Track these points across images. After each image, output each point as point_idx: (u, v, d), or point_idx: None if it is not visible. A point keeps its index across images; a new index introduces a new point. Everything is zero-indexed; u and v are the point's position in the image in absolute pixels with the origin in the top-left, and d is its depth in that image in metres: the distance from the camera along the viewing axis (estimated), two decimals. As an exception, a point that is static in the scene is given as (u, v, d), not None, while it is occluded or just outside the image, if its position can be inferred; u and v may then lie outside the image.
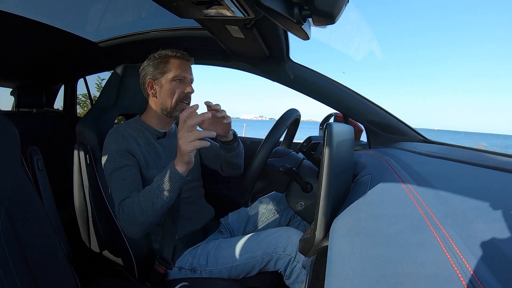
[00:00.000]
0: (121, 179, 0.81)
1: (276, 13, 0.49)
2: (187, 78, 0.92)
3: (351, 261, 0.33)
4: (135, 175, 0.83)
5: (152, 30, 1.21)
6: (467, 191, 0.40)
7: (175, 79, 0.90)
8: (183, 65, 0.92)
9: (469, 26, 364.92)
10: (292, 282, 0.79)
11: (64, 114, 2.03)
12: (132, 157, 0.85)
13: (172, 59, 0.91)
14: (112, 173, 0.82)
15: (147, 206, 0.73)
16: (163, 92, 0.91)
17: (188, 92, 0.92)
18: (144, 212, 0.73)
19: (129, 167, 0.83)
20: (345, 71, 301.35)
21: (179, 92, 0.91)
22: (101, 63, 1.69)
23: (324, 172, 0.49)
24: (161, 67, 0.90)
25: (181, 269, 0.87)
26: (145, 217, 0.74)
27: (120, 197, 0.79)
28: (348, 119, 1.16)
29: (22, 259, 0.53)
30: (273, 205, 1.06)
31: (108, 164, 0.83)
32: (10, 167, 0.57)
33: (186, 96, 0.92)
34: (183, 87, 0.91)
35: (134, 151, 0.85)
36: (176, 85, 0.91)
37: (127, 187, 0.80)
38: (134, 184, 0.81)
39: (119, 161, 0.82)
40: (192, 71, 0.95)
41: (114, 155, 0.83)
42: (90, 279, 0.85)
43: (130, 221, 0.75)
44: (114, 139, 0.85)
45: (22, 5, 1.08)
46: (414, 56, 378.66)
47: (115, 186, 0.81)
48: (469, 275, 0.23)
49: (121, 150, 0.84)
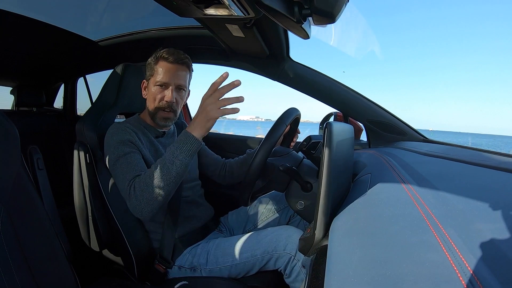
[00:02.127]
0: (126, 164, 0.79)
1: (276, 12, 0.49)
2: (170, 85, 0.86)
3: (351, 261, 0.33)
4: (139, 159, 0.82)
5: (152, 29, 1.20)
6: (467, 191, 0.40)
7: (157, 84, 0.87)
8: (171, 70, 0.86)
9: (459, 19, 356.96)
10: (292, 280, 0.79)
11: (64, 113, 2.03)
12: (134, 146, 0.84)
13: (161, 61, 0.87)
14: (116, 161, 0.81)
15: (162, 175, 0.71)
16: (148, 96, 0.91)
17: (166, 101, 0.86)
18: (159, 183, 0.71)
19: (133, 153, 0.82)
20: (340, 70, 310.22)
21: (159, 99, 0.87)
22: (101, 62, 1.69)
23: (324, 171, 0.49)
24: (150, 68, 0.89)
25: (181, 268, 0.87)
26: (160, 188, 0.71)
27: (127, 178, 0.77)
28: (348, 118, 1.16)
29: (22, 258, 0.53)
30: (273, 204, 1.06)
31: (111, 155, 0.82)
32: (10, 166, 0.57)
33: (166, 104, 0.87)
34: (163, 94, 0.87)
35: (136, 142, 0.84)
36: (157, 91, 0.87)
37: (134, 168, 0.79)
38: (140, 166, 0.80)
39: (122, 149, 0.81)
40: (184, 76, 0.89)
41: (117, 145, 0.82)
42: (90, 279, 0.85)
43: (144, 196, 0.72)
44: (116, 133, 0.84)
45: (22, 4, 1.08)
46: (403, 52, 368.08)
47: (121, 171, 0.79)
48: (468, 275, 0.23)
49: (124, 141, 0.82)
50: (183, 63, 0.88)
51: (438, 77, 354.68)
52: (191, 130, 0.72)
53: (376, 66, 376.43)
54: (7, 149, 0.57)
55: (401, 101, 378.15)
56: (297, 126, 0.98)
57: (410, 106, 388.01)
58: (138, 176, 0.76)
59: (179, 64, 0.88)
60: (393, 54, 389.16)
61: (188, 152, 0.72)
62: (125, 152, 0.81)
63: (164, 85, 0.87)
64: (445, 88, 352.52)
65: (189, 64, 0.91)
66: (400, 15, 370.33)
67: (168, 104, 0.87)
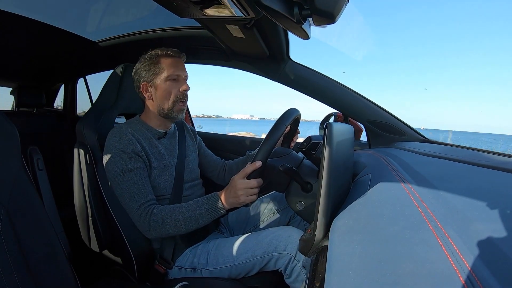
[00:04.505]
0: (132, 182, 0.81)
1: (276, 12, 0.49)
2: (181, 76, 0.91)
3: (351, 261, 0.33)
4: (145, 178, 0.84)
5: (152, 30, 1.20)
6: (467, 191, 0.40)
7: (168, 79, 0.89)
8: (175, 63, 0.90)
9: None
10: (292, 281, 0.79)
11: (64, 114, 2.03)
12: (139, 158, 0.85)
13: (163, 58, 0.89)
14: (120, 176, 0.82)
15: (181, 225, 0.78)
16: (159, 94, 0.90)
17: (184, 90, 0.91)
18: (176, 227, 0.79)
19: (138, 170, 0.83)
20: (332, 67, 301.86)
21: (175, 92, 0.90)
22: (101, 63, 1.69)
23: (324, 171, 0.49)
24: (153, 68, 0.89)
25: (181, 268, 0.87)
26: (176, 231, 0.79)
27: (137, 200, 0.81)
28: (348, 118, 1.16)
29: (22, 259, 0.53)
30: (273, 204, 1.06)
31: (115, 167, 0.83)
32: (10, 167, 0.57)
33: (183, 94, 0.91)
34: (178, 86, 0.90)
35: (140, 152, 0.85)
36: (170, 85, 0.89)
37: (142, 190, 0.82)
38: (147, 187, 0.83)
39: (127, 164, 0.82)
40: (185, 68, 0.94)
41: (121, 157, 0.83)
42: (90, 279, 0.85)
43: (157, 228, 0.79)
44: (119, 141, 0.84)
45: (22, 4, 1.08)
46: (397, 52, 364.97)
47: (128, 190, 0.81)
48: (468, 274, 0.23)
49: (127, 152, 0.83)
50: (181, 56, 0.93)
51: (424, 78, 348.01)
52: (225, 200, 0.78)
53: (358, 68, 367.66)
54: (7, 149, 0.57)
55: (389, 101, 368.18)
56: (297, 126, 0.98)
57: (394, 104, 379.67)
58: (159, 207, 0.81)
59: (180, 58, 0.93)
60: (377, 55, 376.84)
61: (213, 218, 0.79)
62: (130, 168, 0.82)
63: (177, 77, 0.90)
64: (428, 88, 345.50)
65: (185, 58, 0.97)
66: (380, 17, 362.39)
67: (185, 93, 0.92)
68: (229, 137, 1.54)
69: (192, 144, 1.09)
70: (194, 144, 1.10)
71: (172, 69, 0.89)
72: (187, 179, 0.97)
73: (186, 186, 0.96)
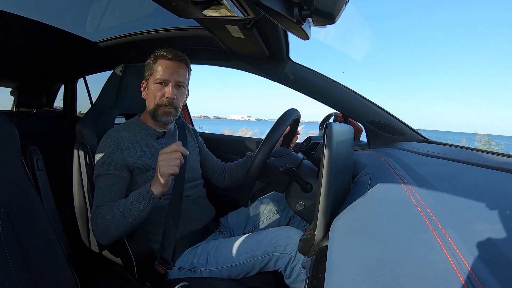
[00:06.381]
0: (103, 185, 0.83)
1: (276, 13, 0.49)
2: (170, 81, 0.88)
3: (351, 261, 0.33)
4: (118, 185, 0.84)
5: (152, 30, 1.21)
6: (467, 191, 0.40)
7: (156, 81, 0.88)
8: (170, 67, 0.87)
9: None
10: (292, 281, 0.79)
11: (64, 114, 2.03)
12: (122, 169, 0.84)
13: (160, 59, 0.88)
14: (97, 177, 0.84)
15: (120, 219, 0.76)
16: (148, 95, 0.91)
17: (167, 98, 0.87)
18: (115, 224, 0.76)
19: (114, 176, 0.83)
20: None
21: (159, 96, 0.88)
22: (101, 63, 1.69)
23: (324, 172, 0.49)
24: (149, 68, 0.90)
25: (181, 269, 0.87)
26: (116, 228, 0.77)
27: (97, 202, 0.81)
28: (348, 119, 1.16)
29: (22, 259, 0.53)
30: (273, 205, 1.06)
31: (96, 168, 0.85)
32: (10, 167, 0.57)
33: (167, 100, 0.88)
34: (163, 91, 0.88)
35: (128, 162, 0.85)
36: (157, 88, 0.88)
37: (106, 194, 0.82)
38: (113, 192, 0.82)
39: (107, 169, 0.83)
40: (183, 74, 0.90)
41: (105, 161, 0.84)
42: (90, 279, 0.85)
43: (102, 228, 0.78)
44: (110, 147, 0.85)
45: (22, 5, 1.08)
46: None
47: (96, 191, 0.83)
48: (468, 274, 0.23)
49: (114, 163, 0.84)
50: (181, 60, 0.90)
51: (418, 81, 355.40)
52: (152, 184, 0.76)
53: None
54: (7, 150, 0.57)
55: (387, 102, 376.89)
56: (297, 127, 0.98)
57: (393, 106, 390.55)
58: (104, 207, 0.80)
59: (177, 62, 0.89)
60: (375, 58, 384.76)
61: (145, 207, 0.76)
62: (107, 173, 0.83)
63: (164, 82, 0.88)
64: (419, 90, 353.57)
65: (187, 62, 0.93)
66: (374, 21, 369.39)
67: (169, 100, 0.88)
68: (229, 137, 1.54)
69: (194, 144, 1.09)
70: (195, 145, 1.10)
71: (162, 73, 0.87)
72: (188, 179, 0.97)
73: (187, 186, 0.96)
